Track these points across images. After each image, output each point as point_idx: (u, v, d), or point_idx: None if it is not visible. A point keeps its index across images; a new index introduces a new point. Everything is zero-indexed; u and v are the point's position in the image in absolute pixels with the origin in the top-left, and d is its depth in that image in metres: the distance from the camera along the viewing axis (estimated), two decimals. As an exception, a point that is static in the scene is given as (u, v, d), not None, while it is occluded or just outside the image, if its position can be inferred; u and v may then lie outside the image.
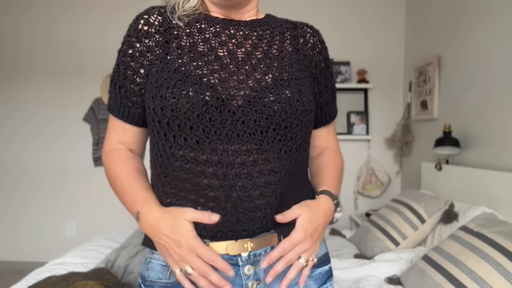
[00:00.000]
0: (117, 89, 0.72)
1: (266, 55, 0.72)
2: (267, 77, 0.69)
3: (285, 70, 0.72)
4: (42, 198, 3.15)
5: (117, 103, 0.73)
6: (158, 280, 0.69)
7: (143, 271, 0.73)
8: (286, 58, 0.74)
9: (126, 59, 0.71)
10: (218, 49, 0.70)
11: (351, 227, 3.04)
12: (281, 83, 0.68)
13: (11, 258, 3.17)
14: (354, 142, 3.09)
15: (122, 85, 0.72)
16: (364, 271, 1.69)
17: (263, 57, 0.72)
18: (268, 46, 0.74)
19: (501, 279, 1.22)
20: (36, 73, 3.11)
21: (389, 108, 3.09)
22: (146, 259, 0.73)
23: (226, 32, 0.72)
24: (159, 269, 0.70)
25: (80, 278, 1.49)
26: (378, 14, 3.07)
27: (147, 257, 0.73)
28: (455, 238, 1.51)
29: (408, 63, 2.98)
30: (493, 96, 1.92)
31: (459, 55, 2.23)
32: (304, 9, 3.05)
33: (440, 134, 2.46)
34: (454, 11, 2.30)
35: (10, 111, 3.13)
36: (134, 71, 0.70)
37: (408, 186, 2.96)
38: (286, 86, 0.68)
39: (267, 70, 0.70)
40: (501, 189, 1.75)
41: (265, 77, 0.69)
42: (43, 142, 3.13)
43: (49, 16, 3.08)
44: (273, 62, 0.72)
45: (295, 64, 0.75)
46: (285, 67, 0.73)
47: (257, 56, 0.71)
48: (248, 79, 0.68)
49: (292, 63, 0.75)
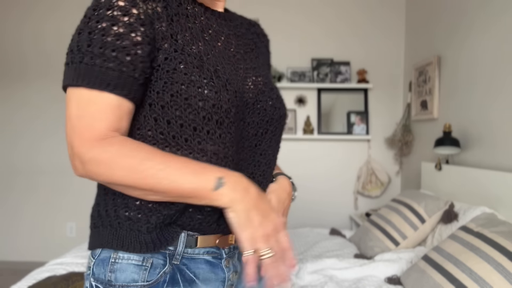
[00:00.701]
0: (109, 52, 0.54)
1: (247, 53, 0.74)
2: (259, 79, 0.71)
3: (266, 70, 0.75)
4: (42, 198, 3.15)
5: (114, 72, 0.54)
6: (131, 284, 0.59)
7: (101, 274, 0.61)
8: (260, 57, 0.77)
9: (126, 18, 0.56)
10: (216, 41, 0.67)
11: (351, 227, 3.04)
12: (271, 86, 0.73)
13: (11, 258, 3.17)
14: (354, 142, 3.09)
15: (122, 48, 0.55)
16: (364, 271, 1.69)
17: (248, 55, 0.73)
18: (245, 44, 0.75)
19: (501, 279, 1.22)
20: (36, 73, 3.11)
21: (389, 108, 3.09)
22: (104, 260, 0.61)
23: (213, 23, 0.69)
24: (132, 270, 0.60)
25: (80, 278, 1.49)
26: (378, 14, 3.07)
27: (105, 257, 0.61)
28: (455, 238, 1.51)
29: (408, 63, 2.98)
30: (493, 96, 1.92)
31: (459, 55, 2.23)
32: (304, 9, 3.05)
33: (440, 134, 2.46)
34: (454, 11, 2.30)
35: (10, 111, 3.13)
36: (143, 34, 0.57)
37: (408, 186, 2.96)
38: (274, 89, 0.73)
39: (257, 71, 0.72)
40: (501, 189, 1.74)
41: (258, 79, 0.71)
42: (43, 142, 3.13)
43: (51, 15, 3.08)
44: (257, 62, 0.75)
45: (266, 64, 0.80)
46: (265, 66, 0.77)
47: (242, 55, 0.72)
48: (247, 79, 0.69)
49: (265, 63, 0.79)
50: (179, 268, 0.62)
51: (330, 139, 3.08)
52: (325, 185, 3.11)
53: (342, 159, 3.10)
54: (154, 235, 0.60)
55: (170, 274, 0.61)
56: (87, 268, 0.65)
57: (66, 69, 0.56)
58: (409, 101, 2.91)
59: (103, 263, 0.61)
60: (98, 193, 0.66)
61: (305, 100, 3.07)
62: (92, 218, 0.66)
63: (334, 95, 3.05)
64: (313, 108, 3.08)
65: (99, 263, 0.62)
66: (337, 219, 3.12)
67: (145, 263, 0.60)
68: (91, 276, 0.62)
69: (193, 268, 0.63)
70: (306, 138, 3.04)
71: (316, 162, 3.10)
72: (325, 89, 3.04)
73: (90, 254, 0.65)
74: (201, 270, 0.64)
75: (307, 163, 3.10)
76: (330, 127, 3.05)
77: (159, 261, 0.61)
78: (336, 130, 3.04)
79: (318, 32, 3.07)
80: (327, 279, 1.63)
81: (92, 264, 0.63)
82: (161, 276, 0.61)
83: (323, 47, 3.08)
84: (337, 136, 2.98)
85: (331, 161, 3.10)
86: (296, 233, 2.47)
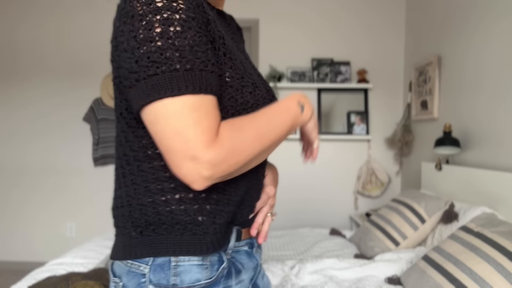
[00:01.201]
0: (196, 54, 0.54)
1: (243, 52, 0.76)
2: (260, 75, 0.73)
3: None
4: (42, 198, 3.15)
5: (209, 74, 0.55)
6: (196, 284, 0.60)
7: (162, 279, 0.59)
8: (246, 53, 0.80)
9: (201, 26, 0.56)
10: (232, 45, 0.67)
11: (351, 227, 3.04)
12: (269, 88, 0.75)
13: (11, 258, 3.17)
14: (354, 142, 3.09)
15: (204, 49, 0.55)
16: (364, 271, 1.69)
17: (244, 54, 0.75)
18: (238, 41, 0.78)
19: (501, 279, 1.22)
20: (36, 73, 3.11)
21: (389, 108, 3.09)
22: (163, 265, 0.60)
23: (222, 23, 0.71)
24: (195, 270, 0.60)
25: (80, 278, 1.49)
26: (378, 14, 3.07)
27: (163, 261, 0.60)
28: (455, 238, 1.51)
29: (408, 63, 2.98)
30: (493, 96, 1.91)
31: (459, 55, 2.23)
32: (305, 9, 3.05)
33: (440, 134, 2.46)
34: (454, 11, 2.30)
35: (9, 110, 3.13)
36: (208, 34, 0.57)
37: (408, 186, 2.96)
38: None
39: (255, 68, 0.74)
40: (501, 189, 1.74)
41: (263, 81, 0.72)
42: (43, 142, 3.13)
43: (49, 15, 3.08)
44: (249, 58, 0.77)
45: None
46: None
47: (242, 52, 0.74)
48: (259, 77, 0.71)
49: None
50: (230, 261, 0.66)
51: (330, 139, 3.08)
52: (325, 185, 3.11)
53: (342, 159, 3.10)
54: (219, 235, 0.62)
55: (227, 268, 0.65)
56: (129, 275, 0.61)
57: (152, 81, 0.51)
58: (409, 101, 2.91)
59: (162, 268, 0.60)
60: (138, 203, 0.61)
61: (305, 100, 3.07)
62: (136, 227, 0.61)
63: (334, 95, 3.05)
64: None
65: (156, 269, 0.60)
66: (337, 219, 3.12)
67: (205, 262, 0.61)
68: (148, 283, 0.60)
69: (239, 259, 0.68)
70: (306, 138, 3.04)
71: (316, 162, 3.10)
72: (325, 89, 3.04)
73: (128, 262, 0.61)
74: (243, 260, 0.69)
75: (307, 163, 3.10)
76: (330, 127, 3.05)
77: (215, 257, 0.63)
78: (336, 130, 3.04)
79: (318, 32, 3.07)
80: (327, 279, 1.63)
81: (148, 271, 0.60)
82: (220, 272, 0.63)
83: (323, 47, 3.08)
84: (337, 136, 2.98)
85: (331, 161, 3.10)
86: (296, 233, 2.47)
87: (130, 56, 0.53)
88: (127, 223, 0.62)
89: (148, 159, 0.60)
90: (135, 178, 0.61)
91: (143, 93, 0.52)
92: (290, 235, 2.43)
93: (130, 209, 0.61)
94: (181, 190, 0.60)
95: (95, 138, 3.09)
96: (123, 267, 0.62)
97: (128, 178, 0.62)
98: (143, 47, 0.51)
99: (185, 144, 0.50)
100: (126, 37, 0.53)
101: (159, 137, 0.52)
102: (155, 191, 0.59)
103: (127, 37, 0.53)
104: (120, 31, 0.54)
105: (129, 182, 0.61)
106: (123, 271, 0.62)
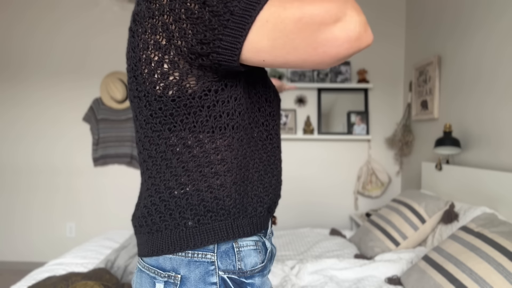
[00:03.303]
0: None
1: None
2: None
3: None
4: (41, 198, 3.14)
5: None
6: (254, 267, 0.64)
7: (229, 265, 0.62)
8: None
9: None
10: None
11: (351, 227, 3.03)
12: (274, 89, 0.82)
13: (11, 258, 3.17)
14: (354, 142, 3.09)
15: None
16: (364, 271, 1.68)
17: None
18: None
19: (502, 279, 1.22)
20: (36, 73, 3.11)
21: (389, 108, 3.09)
22: (228, 252, 0.62)
23: None
24: (253, 254, 0.65)
25: (80, 278, 1.48)
26: (378, 14, 3.07)
27: (227, 248, 0.62)
28: (456, 238, 1.51)
29: (408, 63, 2.98)
30: (493, 96, 1.91)
31: (460, 55, 2.23)
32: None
33: (440, 134, 2.45)
34: (454, 11, 2.30)
35: (8, 111, 3.12)
36: None
37: (409, 186, 2.96)
38: None
39: None
40: (501, 189, 1.74)
41: None
42: (42, 142, 3.13)
43: (48, 14, 3.08)
44: None
45: None
46: None
47: None
48: None
49: None
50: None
51: (330, 139, 3.08)
52: (325, 185, 3.11)
53: (342, 159, 3.10)
54: (263, 217, 0.68)
55: (271, 252, 0.71)
56: (190, 266, 0.61)
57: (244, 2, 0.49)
58: (409, 101, 2.90)
59: (228, 255, 0.62)
60: (195, 188, 0.62)
61: (305, 100, 3.07)
62: (194, 215, 0.61)
63: (334, 95, 3.05)
64: (313, 108, 3.08)
65: (222, 256, 0.62)
66: (337, 219, 3.12)
67: (257, 246, 0.66)
68: (217, 270, 0.61)
69: (272, 243, 0.75)
70: (306, 138, 3.04)
71: (316, 162, 3.10)
72: (325, 89, 3.04)
73: (188, 253, 0.61)
74: (273, 246, 0.75)
75: (307, 163, 3.10)
76: (330, 127, 3.04)
77: (260, 242, 0.68)
78: (336, 130, 3.04)
79: (318, 32, 3.07)
80: (327, 279, 1.63)
81: (216, 259, 0.62)
82: (268, 255, 0.69)
83: (323, 47, 3.07)
84: (337, 136, 2.98)
85: (331, 161, 3.10)
86: (296, 233, 2.47)
87: (199, 16, 0.50)
88: (185, 213, 0.61)
89: (199, 145, 0.60)
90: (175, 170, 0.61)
91: (245, 13, 0.48)
92: (290, 235, 2.43)
93: (187, 196, 0.61)
94: (234, 172, 0.63)
95: (95, 138, 3.09)
96: (178, 260, 0.61)
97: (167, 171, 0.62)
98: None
99: (334, 8, 0.48)
100: (177, 10, 0.51)
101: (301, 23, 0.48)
102: (210, 175, 0.61)
103: (181, 7, 0.51)
104: (161, 11, 0.52)
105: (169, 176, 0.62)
106: (179, 263, 0.61)
